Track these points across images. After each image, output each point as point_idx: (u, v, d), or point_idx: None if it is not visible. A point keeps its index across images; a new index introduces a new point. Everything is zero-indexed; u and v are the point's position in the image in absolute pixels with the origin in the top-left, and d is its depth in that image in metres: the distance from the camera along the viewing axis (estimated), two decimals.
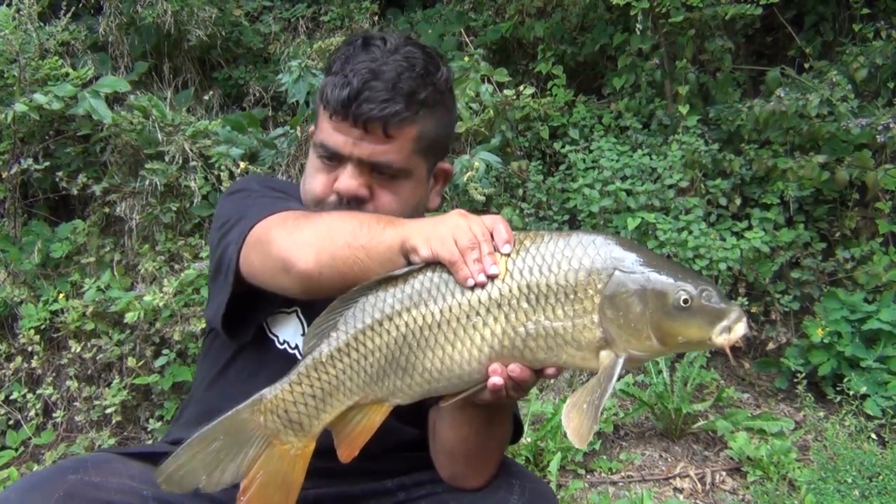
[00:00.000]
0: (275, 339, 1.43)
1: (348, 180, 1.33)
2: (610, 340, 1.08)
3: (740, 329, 1.06)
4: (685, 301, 1.06)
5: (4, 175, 3.85)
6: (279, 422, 1.16)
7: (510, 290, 1.09)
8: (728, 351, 1.08)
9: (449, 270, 1.10)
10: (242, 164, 3.80)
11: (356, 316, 1.13)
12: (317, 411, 1.15)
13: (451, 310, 1.10)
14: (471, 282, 1.08)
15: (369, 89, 1.29)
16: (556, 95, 4.64)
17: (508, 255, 1.10)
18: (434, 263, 1.11)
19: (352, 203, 1.34)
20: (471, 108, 4.19)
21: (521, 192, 4.27)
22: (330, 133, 1.34)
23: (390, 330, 1.12)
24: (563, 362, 1.11)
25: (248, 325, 1.40)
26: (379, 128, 1.30)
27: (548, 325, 1.08)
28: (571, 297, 1.08)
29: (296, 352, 1.41)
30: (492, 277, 1.09)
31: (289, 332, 1.43)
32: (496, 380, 1.09)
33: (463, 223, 1.11)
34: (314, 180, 1.39)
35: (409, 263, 1.13)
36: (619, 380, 3.56)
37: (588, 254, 1.09)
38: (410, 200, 1.41)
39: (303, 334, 1.42)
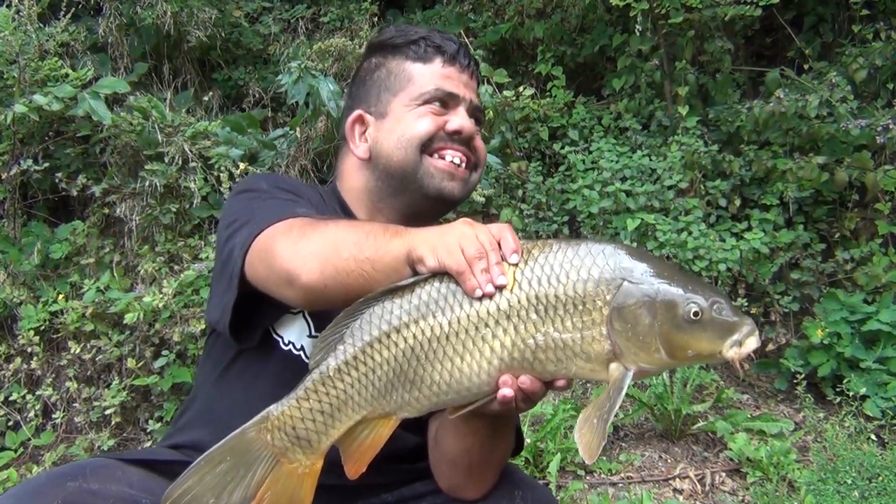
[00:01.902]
0: (279, 339, 1.40)
1: (467, 121, 1.49)
2: (619, 353, 1.05)
3: (752, 343, 1.03)
4: (695, 314, 1.03)
5: (4, 176, 3.85)
6: (287, 439, 1.13)
7: (518, 301, 1.06)
8: (737, 364, 1.06)
9: (456, 281, 1.07)
10: (242, 165, 3.80)
11: (363, 328, 1.11)
12: (325, 427, 1.13)
13: (459, 321, 1.07)
14: (478, 292, 1.05)
15: (463, 47, 1.55)
16: (555, 96, 4.64)
17: (516, 264, 1.07)
18: (441, 274, 1.08)
19: (463, 142, 1.48)
20: None
21: (520, 193, 4.27)
22: (441, 79, 1.49)
23: (398, 342, 1.09)
24: (573, 374, 1.09)
25: (255, 329, 1.38)
26: (475, 78, 1.56)
27: (556, 337, 1.06)
28: (580, 308, 1.05)
29: (301, 353, 1.39)
30: (500, 288, 1.06)
31: (294, 333, 1.40)
32: (506, 392, 1.07)
33: (469, 232, 1.09)
34: (421, 121, 1.46)
35: (416, 274, 1.10)
36: None
37: (597, 264, 1.06)
38: (486, 155, 1.61)
39: (309, 335, 1.40)
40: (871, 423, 3.38)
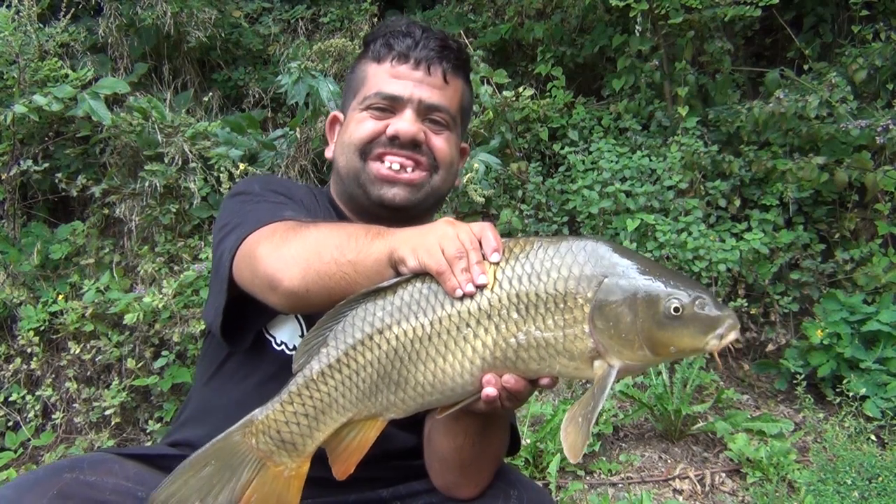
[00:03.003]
0: (272, 339, 1.41)
1: (408, 124, 1.40)
2: (602, 350, 1.04)
3: (732, 336, 1.03)
4: (676, 309, 1.02)
5: (4, 176, 3.85)
6: (272, 443, 1.14)
7: (499, 300, 1.06)
8: (715, 355, 1.06)
9: (437, 281, 1.07)
10: (242, 166, 3.80)
11: (346, 331, 1.11)
12: (310, 430, 1.13)
13: (440, 321, 1.07)
14: (459, 292, 1.05)
15: (427, 38, 1.44)
16: (555, 97, 4.64)
17: (497, 263, 1.07)
18: (423, 274, 1.08)
19: (405, 147, 1.40)
20: None
21: (520, 193, 4.27)
22: (387, 80, 1.43)
23: (381, 344, 1.09)
24: (557, 372, 1.08)
25: (247, 331, 1.40)
26: (439, 70, 1.44)
27: (538, 336, 1.05)
28: (561, 306, 1.05)
29: (293, 353, 1.39)
30: (480, 287, 1.05)
31: (286, 334, 1.41)
32: (490, 391, 1.08)
33: (450, 231, 1.09)
34: (360, 127, 1.43)
35: (398, 275, 1.10)
36: (617, 384, 3.57)
37: (578, 261, 1.05)
38: (454, 156, 1.50)
39: (301, 335, 1.40)
40: (871, 423, 3.38)
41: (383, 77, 1.44)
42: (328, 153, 1.56)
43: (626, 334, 1.03)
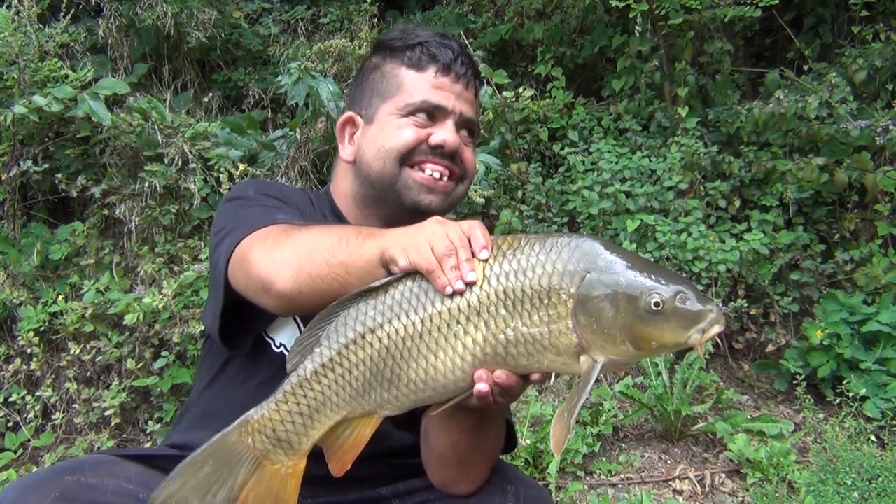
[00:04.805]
0: (271, 342, 1.43)
1: (452, 135, 1.45)
2: (586, 345, 1.05)
3: (715, 330, 1.03)
4: (656, 304, 1.02)
5: (4, 177, 3.85)
6: (268, 442, 1.16)
7: (488, 297, 1.07)
8: (698, 349, 1.05)
9: (428, 279, 1.08)
10: (241, 166, 3.80)
11: (338, 331, 1.13)
12: (305, 428, 1.15)
13: (431, 319, 1.09)
14: (449, 290, 1.07)
15: (462, 53, 1.49)
16: (555, 97, 4.64)
17: (486, 260, 1.09)
18: (414, 273, 1.10)
19: (445, 157, 1.44)
20: None
21: (520, 194, 4.28)
22: (431, 90, 1.46)
23: (373, 343, 1.11)
24: (546, 367, 1.10)
25: (246, 334, 1.41)
26: (473, 87, 1.51)
27: (525, 332, 1.07)
28: (545, 302, 1.06)
29: None
30: (470, 284, 1.07)
31: (286, 336, 1.42)
32: (482, 387, 1.09)
33: (440, 230, 1.10)
34: (401, 133, 1.44)
35: (390, 274, 1.12)
36: (617, 384, 3.57)
37: (562, 257, 1.07)
38: (476, 167, 1.58)
39: None
40: (871, 424, 3.38)
41: (425, 86, 1.45)
42: (345, 154, 1.53)
43: (608, 329, 1.04)
